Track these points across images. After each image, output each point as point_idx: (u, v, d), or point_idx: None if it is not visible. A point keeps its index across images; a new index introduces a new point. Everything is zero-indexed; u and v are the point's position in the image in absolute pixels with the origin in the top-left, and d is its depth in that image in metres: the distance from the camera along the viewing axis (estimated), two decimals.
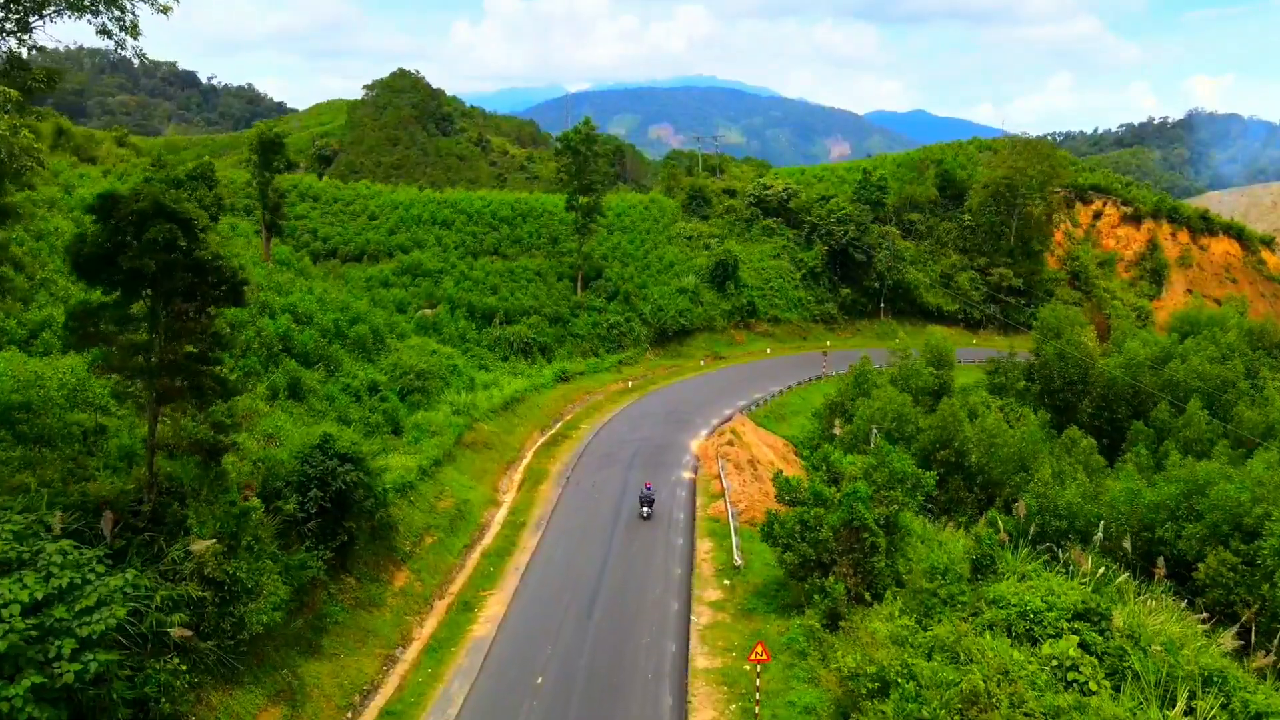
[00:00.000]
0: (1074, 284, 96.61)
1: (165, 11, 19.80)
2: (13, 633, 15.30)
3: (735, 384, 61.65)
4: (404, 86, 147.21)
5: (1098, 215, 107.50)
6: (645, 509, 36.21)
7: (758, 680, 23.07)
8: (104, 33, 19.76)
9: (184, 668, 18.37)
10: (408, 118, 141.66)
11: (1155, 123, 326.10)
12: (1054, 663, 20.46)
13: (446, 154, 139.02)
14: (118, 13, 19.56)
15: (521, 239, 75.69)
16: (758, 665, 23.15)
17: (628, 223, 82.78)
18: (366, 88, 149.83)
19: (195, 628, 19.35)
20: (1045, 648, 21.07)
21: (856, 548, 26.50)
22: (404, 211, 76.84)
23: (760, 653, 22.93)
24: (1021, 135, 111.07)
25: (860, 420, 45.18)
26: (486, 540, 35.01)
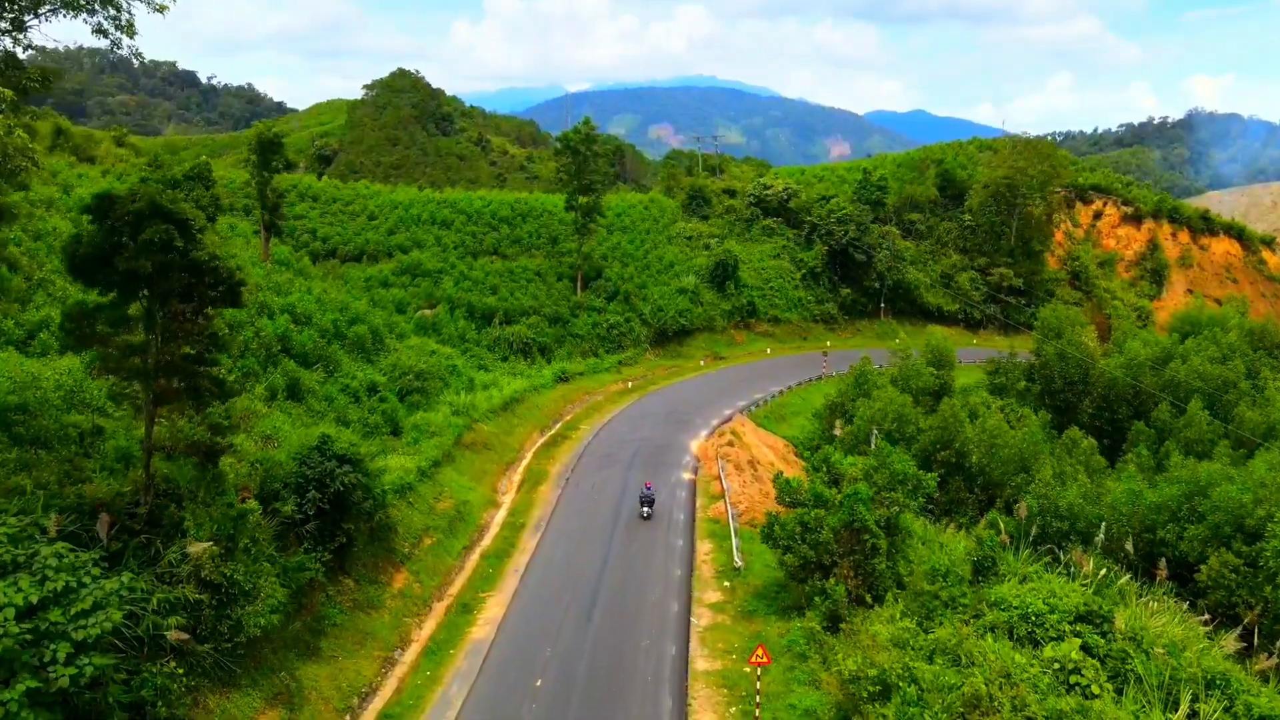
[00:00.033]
0: (1074, 284, 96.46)
1: (161, 10, 19.67)
2: (7, 637, 15.20)
3: (735, 384, 61.53)
4: (404, 86, 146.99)
5: (1098, 215, 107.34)
6: (645, 509, 36.12)
7: (758, 683, 22.95)
8: (100, 32, 19.64)
9: (181, 671, 18.29)
10: (407, 118, 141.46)
11: (1155, 123, 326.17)
12: (1056, 666, 20.35)
13: (446, 154, 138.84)
14: (113, 12, 19.44)
15: (521, 239, 75.55)
16: (758, 668, 23.03)
17: (627, 223, 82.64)
18: (366, 87, 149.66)
19: (192, 631, 19.25)
20: (1047, 650, 20.96)
21: (857, 549, 26.39)
22: (403, 211, 76.70)
23: (761, 655, 22.81)
24: (1022, 135, 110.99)
25: (861, 421, 45.06)
26: (486, 542, 34.89)
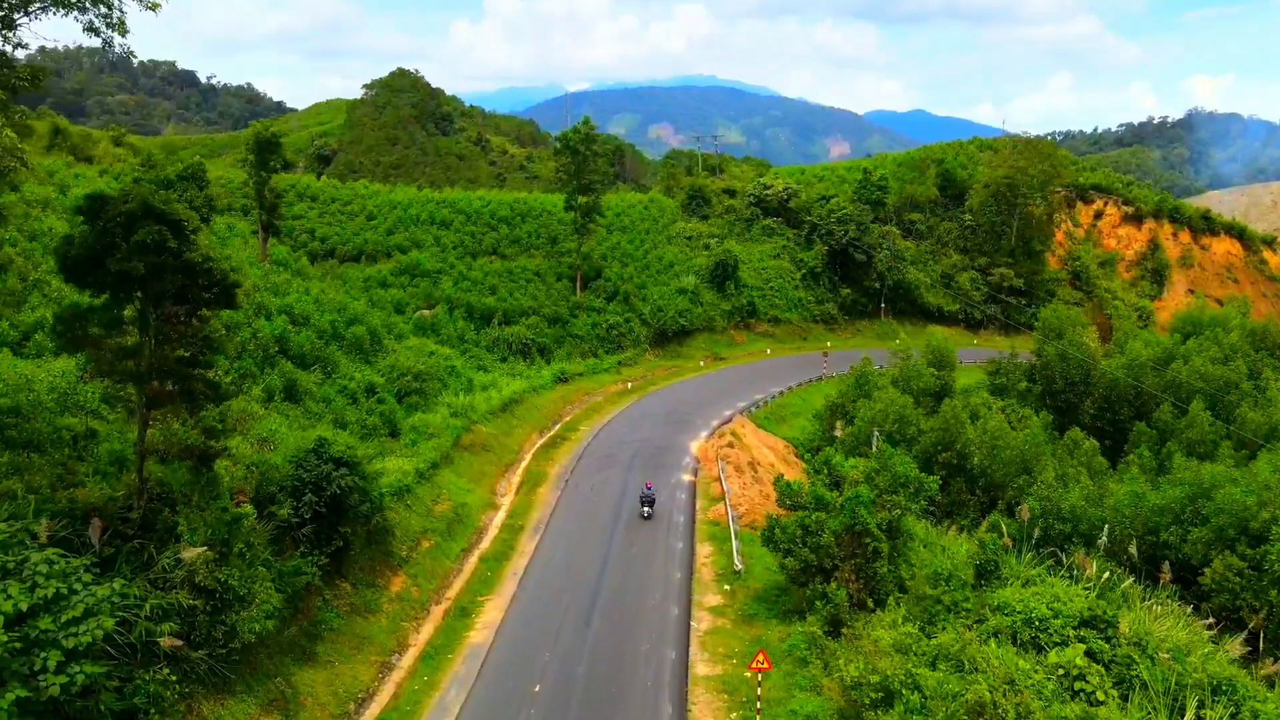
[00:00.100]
0: (1075, 284, 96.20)
1: (154, 9, 19.41)
2: None
3: (735, 385, 61.28)
4: (403, 86, 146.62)
5: (1099, 215, 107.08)
6: (646, 509, 36.00)
7: (759, 689, 22.72)
8: (91, 30, 19.37)
9: (174, 678, 18.10)
10: (407, 117, 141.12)
11: (1155, 122, 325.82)
12: (1060, 672, 20.16)
13: (446, 154, 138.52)
14: (104, 10, 19.16)
15: (520, 239, 75.26)
16: (759, 673, 22.81)
17: (627, 223, 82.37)
18: (366, 87, 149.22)
19: (186, 637, 19.04)
20: (1051, 656, 20.76)
21: (859, 553, 26.15)
22: (402, 211, 76.40)
23: (761, 661, 22.59)
24: (1022, 135, 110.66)
25: (861, 422, 44.81)
26: (484, 544, 34.64)
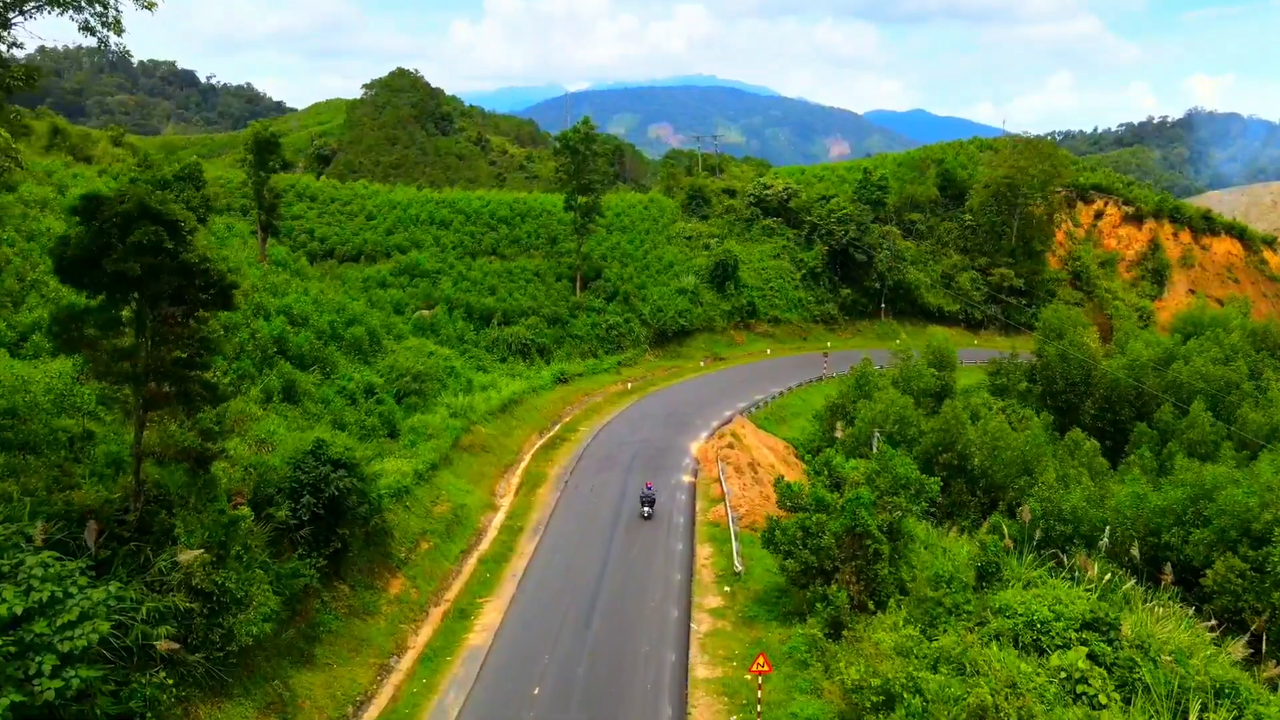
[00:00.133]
0: (1075, 284, 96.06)
1: (150, 8, 19.28)
2: None
3: (735, 385, 61.17)
4: (403, 86, 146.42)
5: (1099, 215, 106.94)
6: (646, 509, 35.96)
7: (759, 692, 22.61)
8: (87, 29, 19.23)
9: (171, 681, 17.98)
10: (407, 117, 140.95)
11: (1155, 122, 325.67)
12: (1063, 675, 20.05)
13: (445, 153, 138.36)
14: (100, 8, 19.04)
15: (520, 239, 75.12)
16: (759, 676, 22.70)
17: (627, 223, 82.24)
18: (365, 87, 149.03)
19: (183, 640, 18.92)
20: (1054, 659, 20.65)
21: (859, 555, 26.04)
22: (402, 211, 76.26)
23: (762, 663, 22.48)
24: (1022, 135, 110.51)
25: (862, 423, 44.69)
26: (483, 546, 34.52)
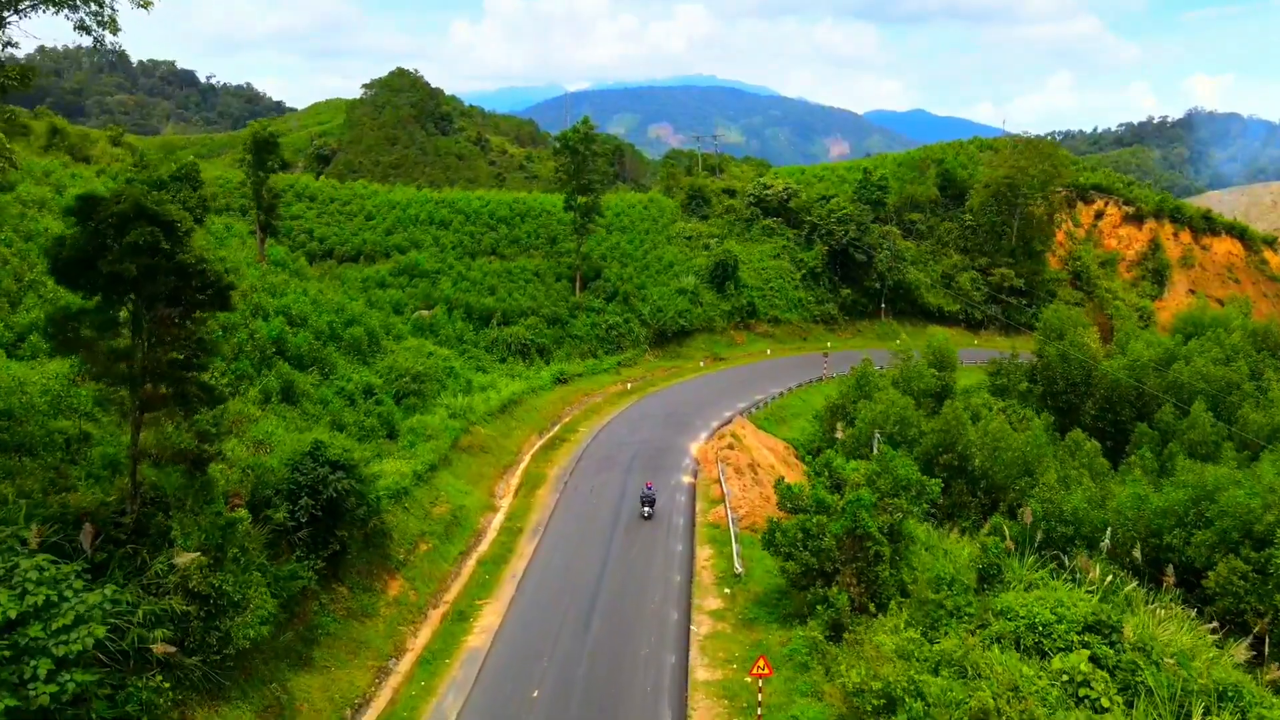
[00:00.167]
0: (1075, 284, 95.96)
1: (146, 6, 19.14)
2: None
3: (735, 385, 61.06)
4: (403, 86, 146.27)
5: (1099, 215, 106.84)
6: (646, 509, 35.91)
7: (759, 695, 22.49)
8: (82, 29, 19.10)
9: (167, 685, 17.88)
10: (406, 117, 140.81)
11: (1155, 122, 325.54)
12: (1065, 678, 19.94)
13: (445, 153, 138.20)
14: (95, 7, 18.91)
15: (520, 239, 74.99)
16: (759, 679, 22.58)
17: (627, 223, 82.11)
18: (365, 87, 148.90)
19: (179, 643, 18.80)
20: (1055, 662, 20.54)
21: (860, 557, 25.92)
22: (401, 211, 76.14)
23: (762, 666, 22.36)
24: (1023, 134, 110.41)
25: (862, 423, 44.57)
26: (482, 547, 34.40)
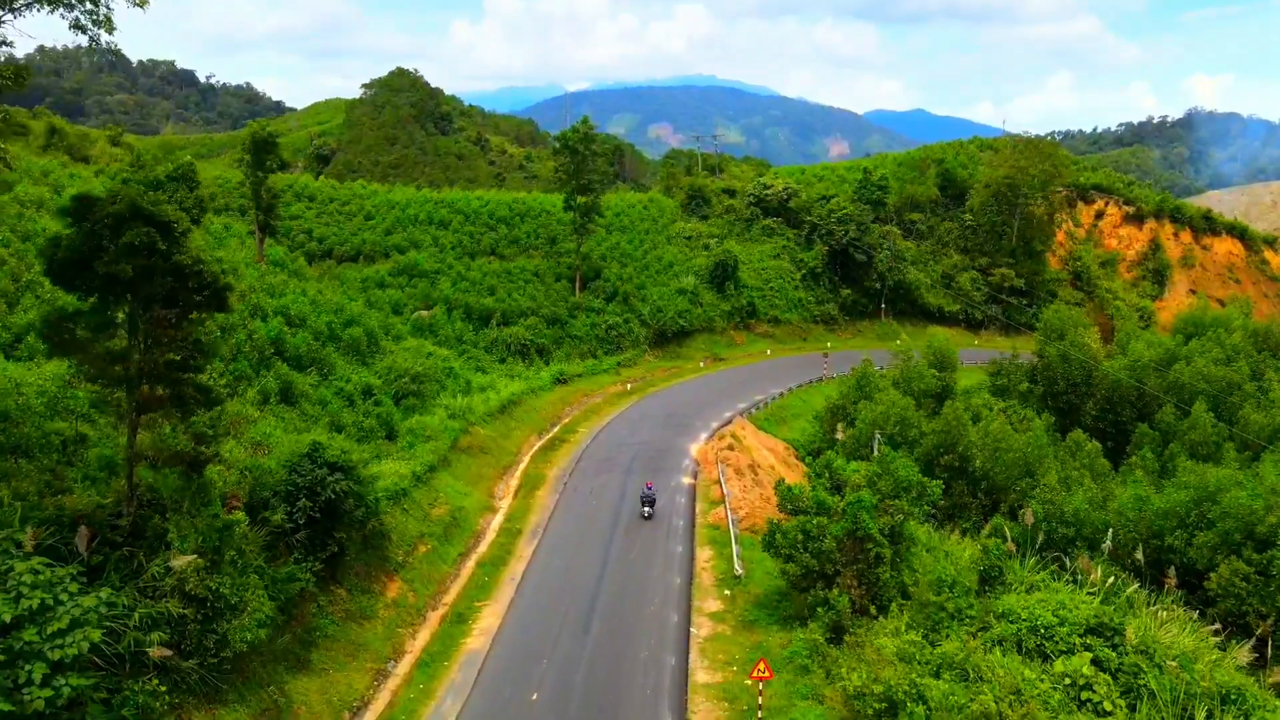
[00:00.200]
0: (1076, 284, 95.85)
1: (141, 5, 19.02)
2: None
3: (735, 386, 60.95)
4: (402, 85, 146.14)
5: (1100, 215, 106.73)
6: (647, 509, 35.85)
7: (760, 698, 22.37)
8: (77, 27, 18.98)
9: (164, 688, 17.74)
10: (406, 117, 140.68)
11: (1155, 122, 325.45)
12: (1067, 681, 19.81)
13: (445, 153, 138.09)
14: (90, 6, 18.77)
15: (519, 239, 74.86)
16: (759, 682, 22.45)
17: (626, 223, 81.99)
18: (365, 87, 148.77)
19: (176, 646, 18.66)
20: (1058, 665, 20.41)
21: (861, 559, 25.79)
22: (400, 211, 76.03)
23: (763, 669, 22.23)
24: (1023, 134, 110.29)
25: (863, 424, 44.47)
26: (482, 548, 34.26)
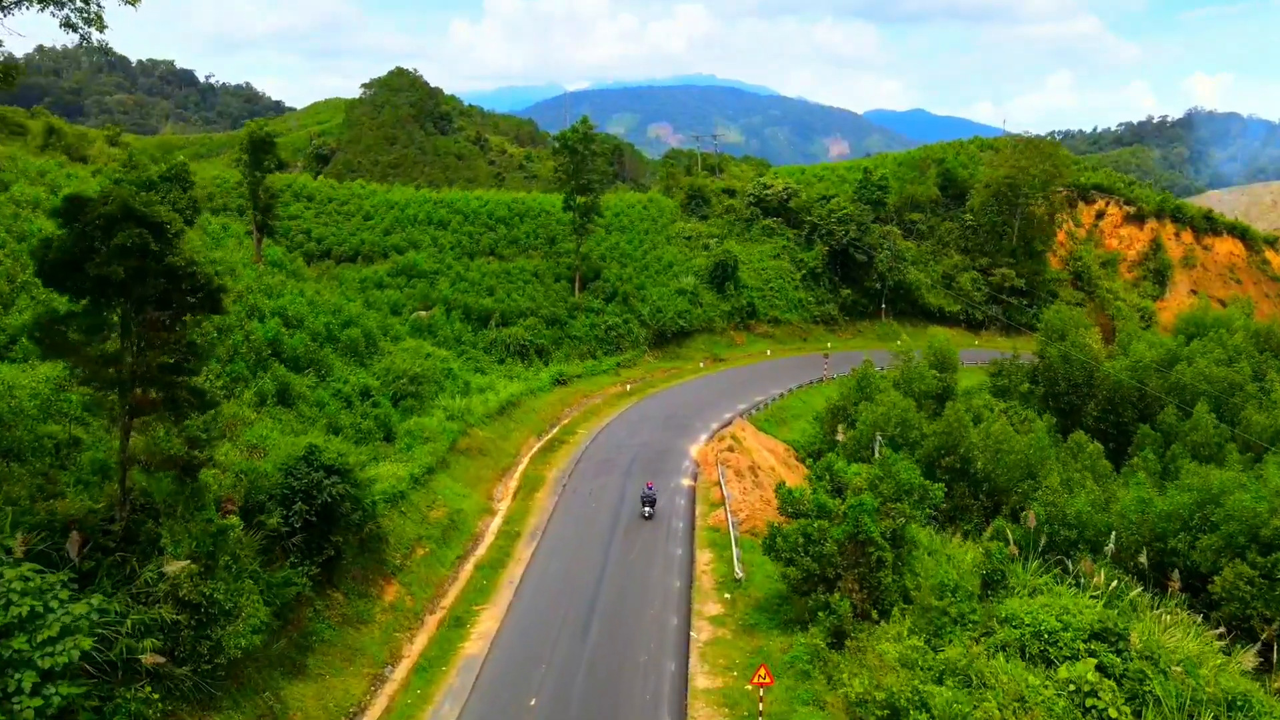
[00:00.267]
0: (1076, 284, 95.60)
1: (133, 3, 18.83)
2: None
3: (735, 386, 60.72)
4: (402, 85, 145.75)
5: (1100, 215, 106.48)
6: (647, 509, 35.72)
7: (760, 704, 22.14)
8: (68, 25, 18.76)
9: (156, 696, 17.51)
10: (406, 117, 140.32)
11: (1155, 121, 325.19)
12: (1071, 687, 19.59)
13: (444, 153, 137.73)
14: (80, 3, 18.56)
15: (518, 239, 74.58)
16: (760, 687, 22.23)
17: (626, 223, 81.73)
18: (364, 86, 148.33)
19: (169, 653, 18.46)
20: (1062, 671, 20.19)
21: (862, 562, 25.57)
22: (399, 211, 75.74)
23: (763, 675, 22.00)
24: (1023, 134, 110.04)
25: (864, 425, 44.23)
26: (480, 551, 34.03)
